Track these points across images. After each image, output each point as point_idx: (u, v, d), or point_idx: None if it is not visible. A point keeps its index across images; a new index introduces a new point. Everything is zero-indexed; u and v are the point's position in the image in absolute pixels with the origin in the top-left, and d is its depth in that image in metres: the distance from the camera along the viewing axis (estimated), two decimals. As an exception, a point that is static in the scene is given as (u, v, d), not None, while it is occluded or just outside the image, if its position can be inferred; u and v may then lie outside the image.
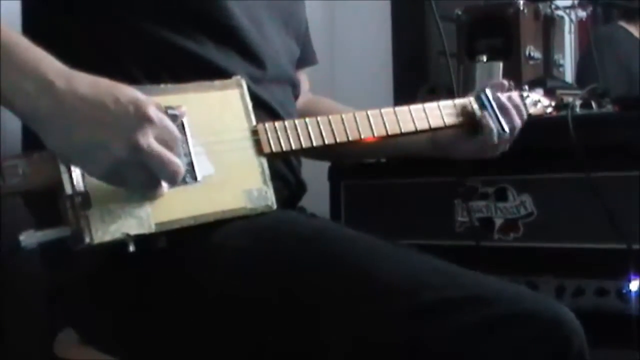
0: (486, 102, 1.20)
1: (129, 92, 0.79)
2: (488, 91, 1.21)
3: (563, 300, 1.44)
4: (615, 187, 1.39)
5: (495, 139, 1.21)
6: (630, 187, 1.38)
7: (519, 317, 0.86)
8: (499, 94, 1.22)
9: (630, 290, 1.39)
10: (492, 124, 1.20)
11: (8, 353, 1.37)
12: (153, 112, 0.78)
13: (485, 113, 1.20)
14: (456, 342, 0.85)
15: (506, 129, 1.21)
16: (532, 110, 1.36)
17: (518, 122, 1.24)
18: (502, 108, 1.22)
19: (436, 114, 1.16)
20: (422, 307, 0.86)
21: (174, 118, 0.84)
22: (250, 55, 1.04)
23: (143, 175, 0.79)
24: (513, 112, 1.23)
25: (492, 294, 0.88)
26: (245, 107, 0.97)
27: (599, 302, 1.42)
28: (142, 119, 0.78)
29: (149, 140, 0.78)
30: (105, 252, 0.84)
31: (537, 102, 1.38)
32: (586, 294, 1.44)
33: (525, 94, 1.35)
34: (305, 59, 1.26)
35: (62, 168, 0.80)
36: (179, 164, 0.80)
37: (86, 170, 0.80)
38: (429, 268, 0.91)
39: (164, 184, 0.83)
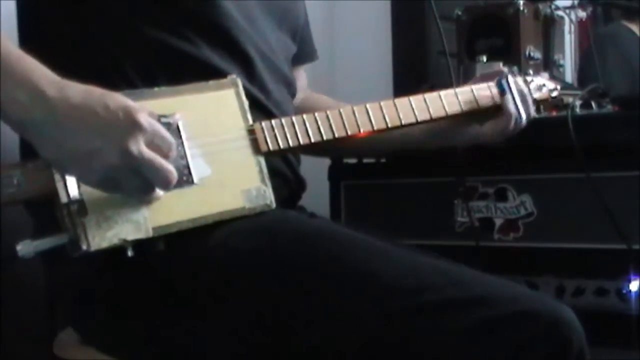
0: (507, 88, 1.20)
1: (119, 99, 0.79)
2: (510, 78, 1.20)
3: (563, 300, 1.43)
4: (615, 187, 1.39)
5: (513, 124, 1.20)
6: (630, 187, 1.38)
7: (519, 317, 0.86)
8: (518, 80, 1.22)
9: (630, 290, 1.39)
10: (513, 110, 1.20)
11: (8, 353, 1.37)
12: (143, 118, 0.79)
13: (508, 97, 1.20)
14: (457, 342, 0.85)
15: (523, 115, 1.21)
16: (537, 95, 1.34)
17: (532, 108, 1.23)
18: (521, 93, 1.21)
19: (437, 104, 1.15)
20: (423, 306, 0.86)
21: (168, 126, 0.85)
22: (244, 55, 1.04)
23: (136, 181, 0.80)
24: (529, 98, 1.23)
25: (493, 293, 0.88)
26: (241, 107, 0.96)
27: (599, 302, 1.42)
28: (132, 124, 0.78)
29: (139, 146, 0.78)
30: (104, 253, 0.84)
31: (542, 86, 1.37)
32: (586, 294, 1.44)
33: (529, 78, 1.34)
34: (305, 55, 1.26)
35: (57, 177, 0.80)
36: (171, 169, 0.80)
37: (80, 178, 0.80)
38: (430, 268, 0.92)
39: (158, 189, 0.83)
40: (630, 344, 1.35)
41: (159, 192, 0.83)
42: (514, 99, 1.20)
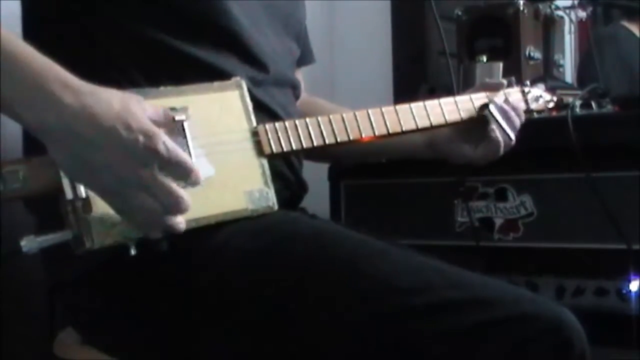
0: (490, 117, 1.20)
1: (141, 118, 0.77)
2: (492, 107, 1.20)
3: (563, 300, 1.44)
4: (615, 187, 1.39)
5: (502, 150, 1.21)
6: (630, 187, 1.38)
7: (519, 319, 0.86)
8: (496, 101, 1.22)
9: (630, 290, 1.39)
10: (501, 137, 1.20)
11: (8, 353, 1.37)
12: (161, 146, 0.77)
13: (494, 127, 1.20)
14: (456, 344, 0.85)
15: (512, 136, 1.21)
16: (533, 105, 1.35)
17: (518, 121, 1.24)
18: (506, 116, 1.21)
19: (437, 111, 1.16)
20: (422, 307, 0.86)
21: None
22: (250, 58, 1.04)
23: (145, 198, 0.78)
24: (513, 115, 1.23)
25: (493, 295, 0.88)
26: (246, 108, 0.96)
27: (599, 302, 1.42)
28: (151, 152, 0.76)
29: (154, 173, 0.77)
30: (106, 252, 0.84)
31: (539, 97, 1.37)
32: (586, 294, 1.44)
33: (526, 89, 1.35)
34: (304, 58, 1.26)
35: (63, 173, 0.80)
36: (182, 195, 0.79)
37: (88, 188, 0.79)
38: (429, 269, 0.92)
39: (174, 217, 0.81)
40: (630, 344, 1.35)
41: (177, 218, 0.81)
42: (500, 125, 1.20)
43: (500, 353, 0.85)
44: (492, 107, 1.19)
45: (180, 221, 0.81)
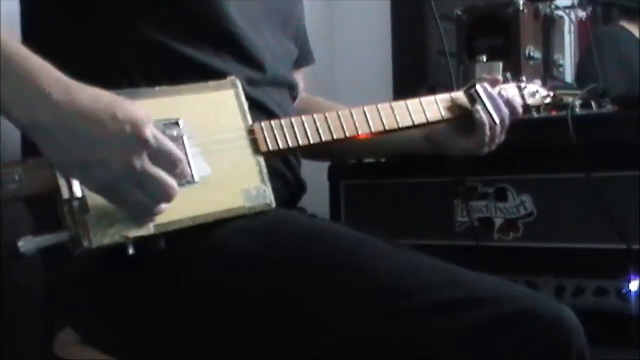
0: (477, 97, 1.21)
1: (127, 109, 0.79)
2: (479, 87, 1.21)
3: (563, 300, 1.44)
4: (615, 187, 1.39)
5: (488, 132, 1.21)
6: (630, 187, 1.38)
7: (519, 317, 0.86)
8: (486, 85, 1.23)
9: (630, 290, 1.39)
10: (485, 118, 1.20)
11: (8, 353, 1.37)
12: (149, 133, 0.79)
13: (478, 107, 1.20)
14: (456, 342, 0.85)
15: (497, 120, 1.21)
16: (530, 101, 1.36)
17: (506, 111, 1.24)
18: (492, 99, 1.22)
19: (433, 107, 1.16)
20: (422, 307, 0.86)
21: (172, 137, 0.85)
22: (248, 59, 1.04)
23: (139, 195, 0.80)
24: (500, 101, 1.23)
25: (492, 293, 0.89)
26: (241, 107, 0.97)
27: (599, 302, 1.42)
28: (138, 140, 0.78)
29: (143, 161, 0.78)
30: (105, 251, 0.84)
31: (536, 92, 1.38)
32: (586, 294, 1.43)
33: (523, 85, 1.35)
34: (303, 59, 1.26)
35: (59, 174, 0.80)
36: (173, 184, 0.81)
37: (83, 183, 0.80)
38: (429, 268, 0.92)
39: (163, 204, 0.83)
40: (630, 344, 1.35)
41: (162, 206, 0.83)
42: (485, 106, 1.20)
43: (499, 351, 0.85)
44: (478, 87, 1.21)
45: (165, 208, 0.83)
